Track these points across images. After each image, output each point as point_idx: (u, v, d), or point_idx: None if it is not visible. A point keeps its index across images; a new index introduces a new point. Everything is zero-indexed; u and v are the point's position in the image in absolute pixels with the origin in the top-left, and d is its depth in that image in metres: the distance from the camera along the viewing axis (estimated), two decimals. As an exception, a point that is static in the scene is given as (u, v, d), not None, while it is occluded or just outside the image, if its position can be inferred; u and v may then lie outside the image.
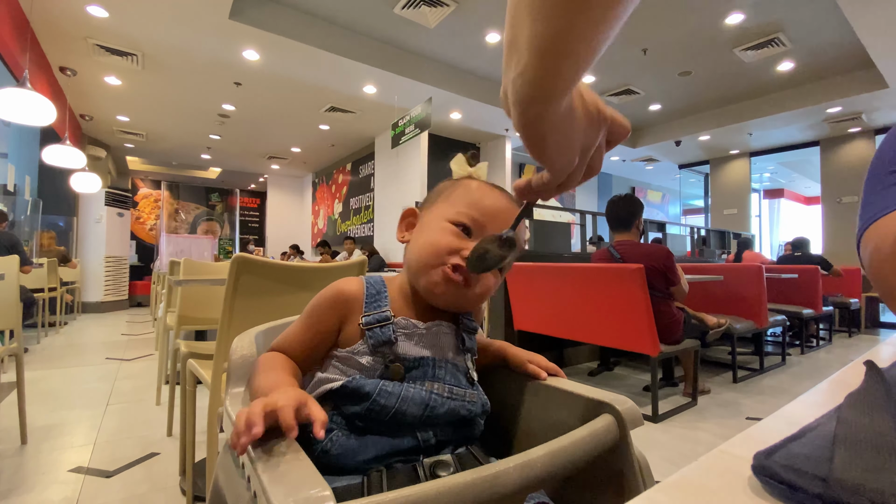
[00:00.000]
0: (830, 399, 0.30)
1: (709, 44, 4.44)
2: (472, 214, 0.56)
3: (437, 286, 0.53)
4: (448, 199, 0.58)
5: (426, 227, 0.57)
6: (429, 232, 0.56)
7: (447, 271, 0.53)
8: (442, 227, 0.55)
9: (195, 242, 6.34)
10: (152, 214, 9.96)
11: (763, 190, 10.02)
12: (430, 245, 0.54)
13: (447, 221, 0.55)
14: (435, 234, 0.55)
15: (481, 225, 0.56)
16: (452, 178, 0.62)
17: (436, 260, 0.53)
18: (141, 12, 3.54)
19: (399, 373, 0.52)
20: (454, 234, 0.54)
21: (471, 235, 0.55)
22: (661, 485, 0.21)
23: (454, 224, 0.55)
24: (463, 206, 0.56)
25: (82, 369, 2.93)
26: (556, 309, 2.47)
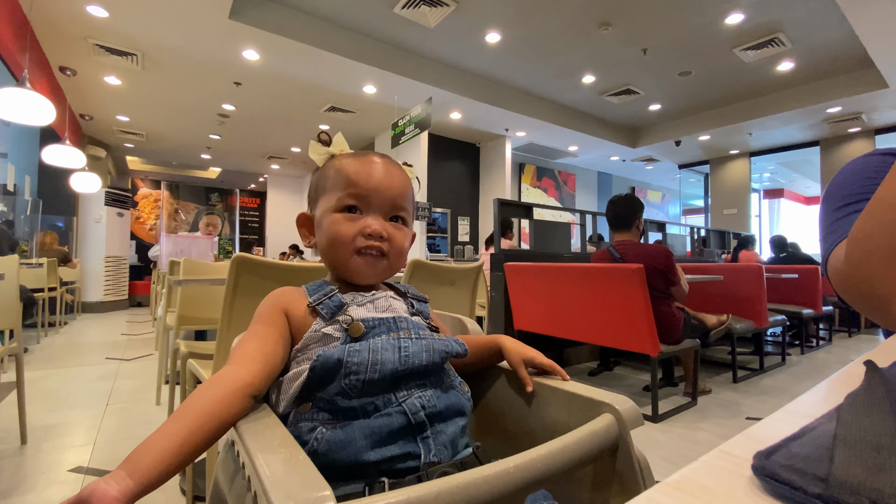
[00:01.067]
0: (830, 399, 0.30)
1: (709, 44, 4.44)
2: (351, 192, 0.57)
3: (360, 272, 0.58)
4: (326, 190, 0.59)
5: (321, 227, 0.59)
6: (325, 230, 0.58)
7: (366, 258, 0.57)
8: (333, 220, 0.57)
9: (195, 242, 6.33)
10: (152, 214, 9.96)
11: (763, 190, 10.02)
12: (332, 241, 0.57)
13: (334, 212, 0.58)
14: (330, 229, 0.57)
15: (364, 198, 0.58)
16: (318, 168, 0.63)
17: (344, 251, 0.57)
18: (141, 12, 3.54)
19: (359, 329, 0.53)
20: (347, 220, 0.57)
21: (362, 211, 0.58)
22: (661, 485, 0.21)
23: (341, 211, 0.57)
24: (339, 191, 0.58)
25: (82, 369, 2.93)
26: (556, 309, 2.47)
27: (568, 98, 6.00)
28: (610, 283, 2.14)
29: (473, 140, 7.16)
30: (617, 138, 7.12)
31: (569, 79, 5.34)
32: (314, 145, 0.62)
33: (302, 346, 0.53)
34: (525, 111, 5.84)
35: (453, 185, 7.07)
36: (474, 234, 7.30)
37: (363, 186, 0.57)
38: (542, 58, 4.80)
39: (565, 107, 6.31)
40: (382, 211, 0.58)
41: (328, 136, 0.62)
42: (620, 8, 3.85)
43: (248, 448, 0.39)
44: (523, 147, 7.44)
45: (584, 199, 9.27)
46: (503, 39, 4.41)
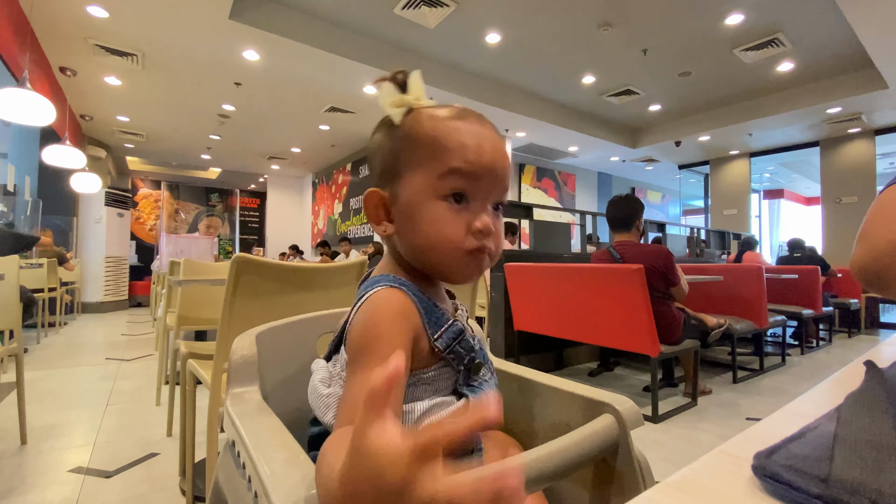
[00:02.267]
0: (830, 399, 0.30)
1: (709, 44, 4.44)
2: (461, 168, 0.43)
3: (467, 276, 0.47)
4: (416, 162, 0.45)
5: (414, 214, 0.45)
6: (423, 223, 0.44)
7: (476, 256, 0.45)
8: (435, 213, 0.44)
9: (195, 242, 6.34)
10: (152, 214, 9.96)
11: (763, 190, 10.02)
12: (436, 244, 0.44)
13: (436, 199, 0.44)
14: (434, 226, 0.44)
15: (475, 178, 0.44)
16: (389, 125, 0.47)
17: (455, 255, 0.45)
18: (141, 12, 3.54)
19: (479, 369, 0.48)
20: (453, 214, 0.44)
21: (469, 198, 0.45)
22: (661, 485, 0.21)
23: (446, 199, 0.44)
24: (443, 165, 0.44)
25: (82, 369, 2.93)
26: (556, 309, 2.47)
27: (568, 98, 6.00)
28: (610, 283, 2.14)
29: (473, 140, 7.15)
30: (617, 139, 7.12)
31: (569, 79, 5.34)
32: (387, 89, 0.45)
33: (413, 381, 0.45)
34: (525, 111, 5.84)
35: (453, 186, 7.07)
36: (474, 235, 7.30)
37: (475, 164, 0.44)
38: (542, 58, 4.80)
39: (565, 107, 6.31)
40: (491, 198, 0.46)
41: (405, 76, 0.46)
42: (620, 8, 3.85)
43: (249, 448, 0.39)
44: (523, 147, 7.44)
45: (584, 199, 9.27)
46: (503, 40, 4.41)
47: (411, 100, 0.45)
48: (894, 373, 0.31)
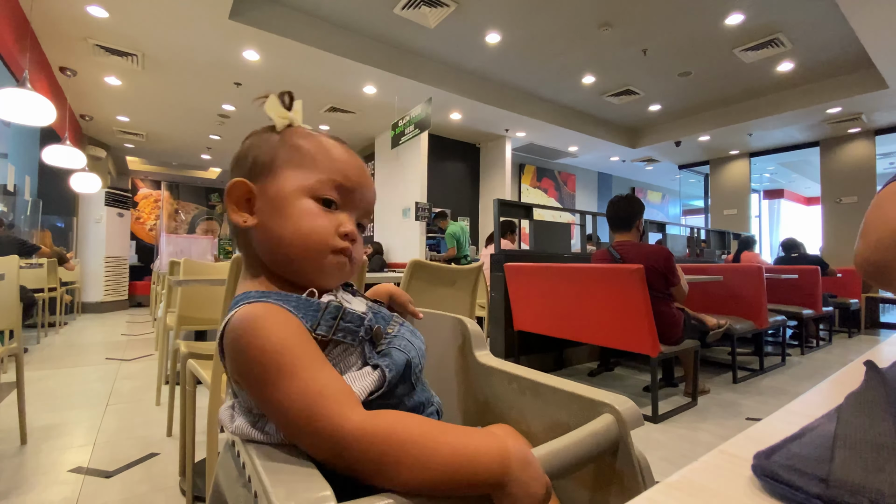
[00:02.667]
0: (830, 399, 0.30)
1: (708, 44, 4.44)
2: (338, 182, 0.49)
3: (329, 274, 0.48)
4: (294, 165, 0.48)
5: (282, 206, 0.47)
6: (293, 214, 0.47)
7: (341, 260, 0.48)
8: (307, 208, 0.47)
9: (195, 242, 6.34)
10: (152, 215, 9.96)
11: (763, 190, 10.02)
12: (306, 234, 0.46)
13: (309, 197, 0.47)
14: (306, 218, 0.47)
15: (349, 193, 0.49)
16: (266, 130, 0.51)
17: (321, 250, 0.47)
18: (141, 12, 3.54)
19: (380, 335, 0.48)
20: (323, 212, 0.48)
21: (336, 208, 0.49)
22: (661, 485, 0.21)
23: (317, 199, 0.48)
24: (321, 174, 0.48)
25: (82, 369, 2.93)
26: (556, 309, 2.47)
27: (568, 98, 6.00)
28: (610, 283, 2.14)
29: (473, 140, 7.16)
30: (617, 139, 7.12)
31: (569, 79, 5.34)
32: (275, 103, 0.50)
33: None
34: (525, 111, 5.84)
35: (453, 186, 7.07)
36: (474, 235, 7.30)
37: (350, 181, 0.49)
38: (542, 58, 4.80)
39: (565, 107, 6.31)
40: (357, 212, 0.51)
41: (290, 99, 0.51)
42: (620, 8, 3.85)
43: (249, 448, 0.39)
44: (523, 147, 7.44)
45: (584, 199, 9.27)
46: (503, 40, 4.41)
47: (295, 117, 0.51)
48: (894, 373, 0.31)
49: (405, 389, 0.48)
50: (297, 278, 0.49)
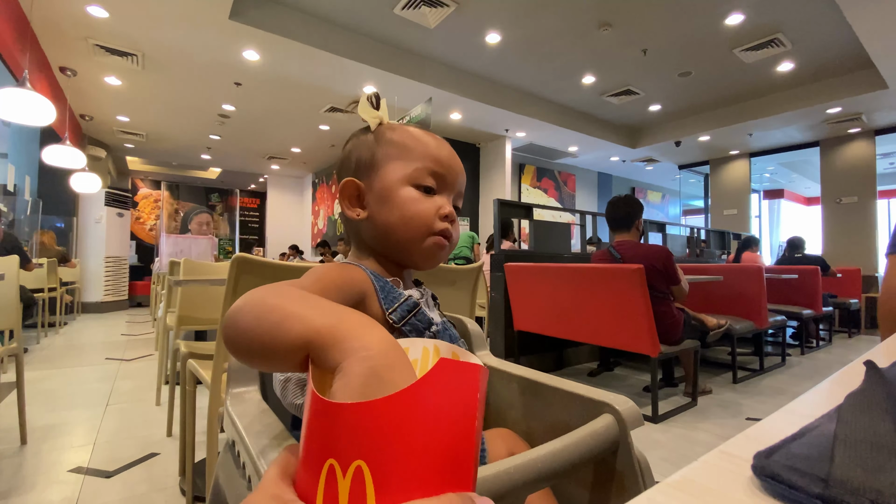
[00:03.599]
0: (830, 399, 0.30)
1: (709, 44, 4.44)
2: (432, 168, 0.53)
3: (433, 255, 0.53)
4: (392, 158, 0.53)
5: (388, 197, 0.52)
6: (398, 203, 0.52)
7: (440, 241, 0.52)
8: (410, 195, 0.52)
9: (195, 242, 6.32)
10: (152, 215, 9.96)
11: (763, 190, 10.02)
12: (409, 218, 0.51)
13: (410, 185, 0.52)
14: (408, 205, 0.51)
15: (442, 177, 0.53)
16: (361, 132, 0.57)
17: (424, 232, 0.52)
18: (141, 12, 3.54)
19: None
20: (424, 198, 0.52)
21: (434, 192, 0.53)
22: (661, 485, 0.21)
23: (416, 186, 0.52)
24: (418, 163, 0.53)
25: (82, 369, 2.93)
26: (556, 309, 2.47)
27: (568, 98, 6.00)
28: (610, 283, 2.14)
29: (473, 140, 7.15)
30: (617, 139, 7.12)
31: (569, 79, 5.34)
32: (365, 105, 0.55)
33: None
34: (525, 111, 5.84)
35: (453, 186, 7.07)
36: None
37: (443, 166, 0.54)
38: (542, 58, 4.80)
39: (565, 107, 6.31)
40: (452, 194, 0.55)
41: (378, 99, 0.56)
42: (620, 8, 3.85)
43: (249, 448, 0.39)
44: (523, 147, 7.44)
45: (584, 199, 9.27)
46: (503, 40, 4.41)
47: (384, 115, 0.56)
48: (894, 373, 0.31)
49: None
50: (404, 259, 0.54)
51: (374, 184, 0.53)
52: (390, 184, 0.52)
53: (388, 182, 0.52)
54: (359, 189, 0.54)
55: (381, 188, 0.52)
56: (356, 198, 0.54)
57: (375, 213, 0.53)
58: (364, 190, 0.54)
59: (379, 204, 0.53)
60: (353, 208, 0.54)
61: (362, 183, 0.54)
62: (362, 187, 0.54)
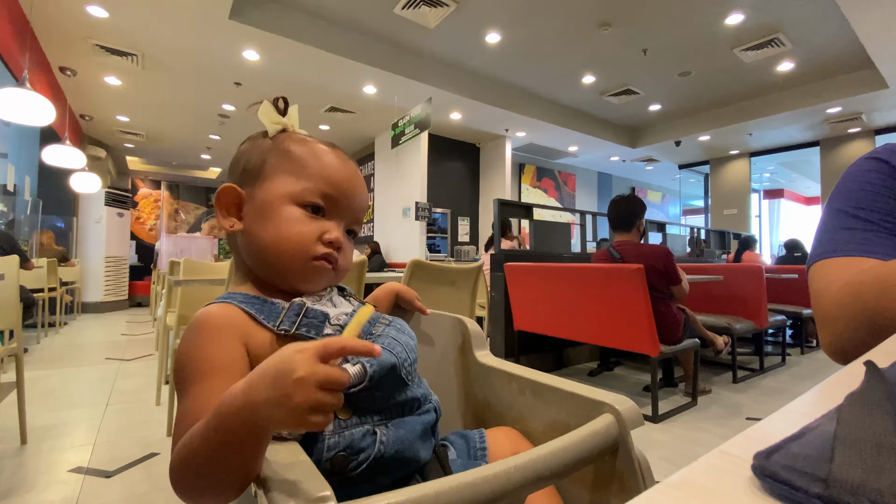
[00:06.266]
0: (830, 399, 0.30)
1: (709, 44, 4.44)
2: (323, 190, 0.49)
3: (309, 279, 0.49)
4: (282, 171, 0.49)
5: (268, 212, 0.48)
6: (277, 221, 0.47)
7: (319, 265, 0.48)
8: (291, 214, 0.47)
9: (195, 242, 6.34)
10: (152, 214, 9.96)
11: (763, 190, 10.02)
12: (286, 239, 0.47)
13: (294, 204, 0.48)
14: (287, 224, 0.47)
15: (334, 200, 0.49)
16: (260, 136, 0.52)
17: (300, 254, 0.47)
18: (141, 12, 3.54)
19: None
20: (308, 219, 0.48)
21: (323, 214, 0.49)
22: (661, 485, 0.21)
23: (302, 206, 0.48)
24: (308, 181, 0.48)
25: (82, 369, 2.93)
26: (556, 309, 2.47)
27: (568, 98, 6.00)
28: (610, 283, 2.14)
29: (473, 140, 7.16)
30: (617, 138, 7.13)
31: (569, 79, 5.34)
32: (268, 108, 0.51)
33: None
34: (525, 111, 5.84)
35: (453, 186, 7.07)
36: (474, 235, 7.30)
37: (338, 188, 0.49)
38: (542, 58, 4.80)
39: (565, 107, 6.31)
40: (345, 220, 0.51)
41: (285, 104, 0.52)
42: (620, 8, 3.85)
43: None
44: (523, 147, 7.44)
45: (584, 199, 9.27)
46: (503, 40, 4.41)
47: (288, 123, 0.52)
48: (894, 373, 0.31)
49: (394, 384, 0.47)
50: (279, 282, 0.49)
51: (257, 194, 0.49)
52: (272, 198, 0.48)
53: (271, 196, 0.48)
54: (239, 197, 0.49)
55: (262, 201, 0.48)
56: (234, 206, 0.50)
57: (250, 226, 0.48)
58: (245, 199, 0.49)
59: (256, 217, 0.48)
60: (227, 217, 0.49)
61: (245, 191, 0.49)
62: (243, 196, 0.49)
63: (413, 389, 0.50)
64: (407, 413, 0.49)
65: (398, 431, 0.46)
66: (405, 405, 0.48)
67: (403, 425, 0.47)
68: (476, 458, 0.53)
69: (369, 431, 0.44)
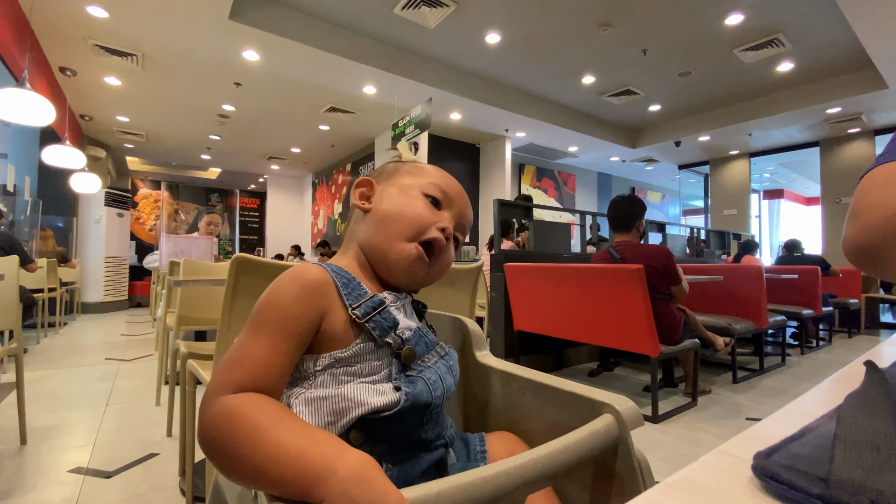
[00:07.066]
0: (830, 399, 0.30)
1: (709, 44, 4.44)
2: (443, 188, 0.56)
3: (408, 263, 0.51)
4: (412, 174, 0.57)
5: (398, 194, 0.54)
6: (405, 199, 0.54)
7: (422, 253, 0.51)
8: (418, 198, 0.54)
9: (195, 242, 6.33)
10: (152, 215, 9.96)
11: (763, 190, 10.02)
12: (408, 213, 0.52)
13: (420, 192, 0.55)
14: (413, 203, 0.53)
15: (450, 199, 0.57)
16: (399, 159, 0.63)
17: (414, 229, 0.52)
18: (141, 13, 3.54)
19: (412, 356, 0.48)
20: (429, 206, 0.54)
21: (440, 209, 0.55)
22: (661, 485, 0.21)
23: (426, 196, 0.55)
24: (432, 180, 0.56)
25: (82, 369, 2.93)
26: (556, 309, 2.47)
27: (568, 98, 6.00)
28: (610, 283, 2.14)
29: (473, 140, 7.16)
30: (617, 139, 7.12)
31: (569, 79, 5.34)
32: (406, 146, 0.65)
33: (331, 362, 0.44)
34: (525, 112, 5.84)
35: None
36: (474, 235, 7.30)
37: (453, 191, 0.58)
38: (542, 58, 4.80)
39: (565, 107, 6.31)
40: (456, 220, 0.57)
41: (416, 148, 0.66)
42: (620, 8, 3.85)
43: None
44: (523, 147, 7.44)
45: (584, 199, 9.27)
46: (503, 40, 4.41)
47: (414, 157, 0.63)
48: (894, 373, 0.31)
49: (414, 422, 0.47)
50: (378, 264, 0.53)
51: (388, 188, 0.56)
52: (403, 185, 0.55)
53: (403, 185, 0.56)
54: (371, 187, 0.57)
55: (394, 186, 0.56)
56: (366, 195, 0.57)
57: (378, 205, 0.54)
58: (376, 189, 0.57)
59: (385, 200, 0.54)
60: (363, 199, 0.57)
61: (378, 185, 0.57)
62: (375, 185, 0.57)
63: (428, 430, 0.49)
64: (417, 450, 0.48)
65: (404, 467, 0.46)
66: (417, 443, 0.48)
67: (410, 461, 0.47)
68: (476, 461, 0.53)
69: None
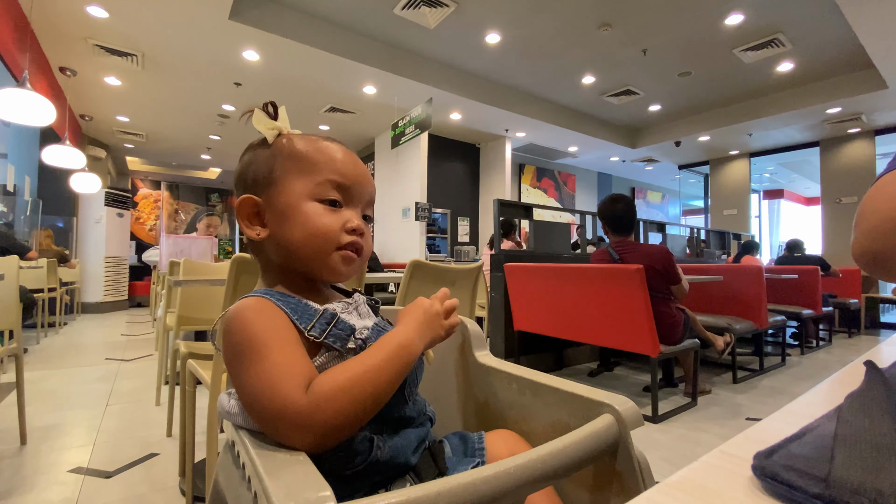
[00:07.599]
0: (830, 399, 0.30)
1: (708, 44, 4.44)
2: (337, 181, 0.51)
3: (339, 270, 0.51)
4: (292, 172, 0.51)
5: (291, 213, 0.50)
6: (302, 219, 0.50)
7: (346, 254, 0.51)
8: (313, 210, 0.50)
9: (195, 243, 6.32)
10: (152, 215, 9.95)
11: (763, 190, 10.02)
12: (312, 235, 0.49)
13: (313, 200, 0.50)
14: (312, 220, 0.50)
15: (347, 190, 0.52)
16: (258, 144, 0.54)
17: (330, 247, 0.50)
18: (141, 13, 3.54)
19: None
20: (329, 212, 0.51)
21: (340, 206, 0.52)
22: (661, 485, 0.21)
23: (321, 201, 0.51)
24: (320, 175, 0.51)
25: (82, 369, 2.93)
26: (556, 309, 2.47)
27: (568, 98, 6.00)
28: (610, 283, 2.14)
29: (473, 140, 7.16)
30: (617, 139, 7.12)
31: (569, 79, 5.34)
32: (260, 116, 0.52)
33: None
34: (525, 112, 5.84)
35: (453, 186, 7.07)
36: (474, 235, 7.30)
37: (348, 178, 0.52)
38: (542, 58, 4.80)
39: (565, 107, 6.31)
40: (360, 206, 0.54)
41: (274, 109, 0.53)
42: (620, 8, 3.85)
43: (249, 448, 0.39)
44: (523, 147, 7.44)
45: (584, 199, 9.27)
46: (503, 40, 4.41)
47: (281, 126, 0.53)
48: (894, 373, 0.31)
49: (396, 400, 0.49)
50: (313, 274, 0.52)
51: (274, 200, 0.51)
52: (292, 199, 0.50)
53: (290, 198, 0.50)
54: (257, 206, 0.52)
55: (281, 204, 0.50)
56: (255, 215, 0.52)
57: (277, 230, 0.50)
58: (263, 206, 0.51)
59: (280, 221, 0.50)
60: (252, 227, 0.52)
61: (261, 199, 0.51)
62: (261, 204, 0.51)
63: (411, 407, 0.52)
64: (404, 426, 0.51)
65: (394, 440, 0.48)
66: (403, 419, 0.51)
67: (400, 435, 0.49)
68: (473, 456, 0.53)
69: (367, 437, 0.46)
